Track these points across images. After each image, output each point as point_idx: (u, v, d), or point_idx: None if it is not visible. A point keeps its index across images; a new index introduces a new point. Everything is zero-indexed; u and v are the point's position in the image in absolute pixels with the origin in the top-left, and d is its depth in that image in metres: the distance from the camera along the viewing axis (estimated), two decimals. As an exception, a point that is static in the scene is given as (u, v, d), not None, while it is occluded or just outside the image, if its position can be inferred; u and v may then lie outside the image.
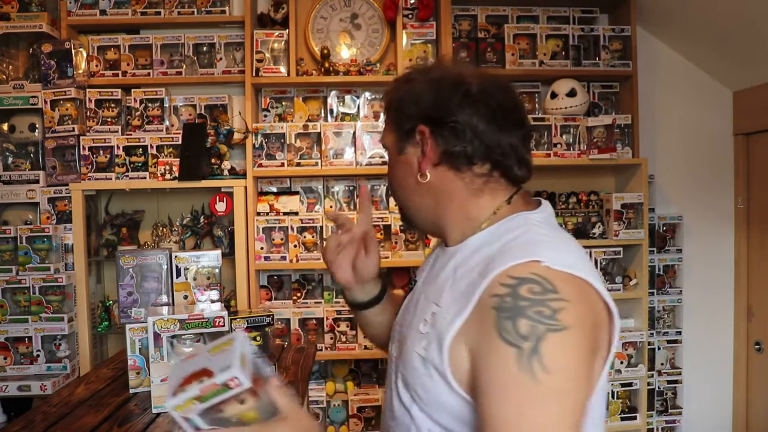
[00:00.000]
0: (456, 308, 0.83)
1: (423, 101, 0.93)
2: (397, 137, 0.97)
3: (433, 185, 0.95)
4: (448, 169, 0.93)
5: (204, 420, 0.82)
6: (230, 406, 0.82)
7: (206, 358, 0.87)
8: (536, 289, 0.76)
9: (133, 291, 1.73)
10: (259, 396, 0.83)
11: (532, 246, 0.82)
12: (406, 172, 0.97)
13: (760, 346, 2.84)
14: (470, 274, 0.86)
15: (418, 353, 0.87)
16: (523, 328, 0.74)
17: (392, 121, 0.98)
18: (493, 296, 0.77)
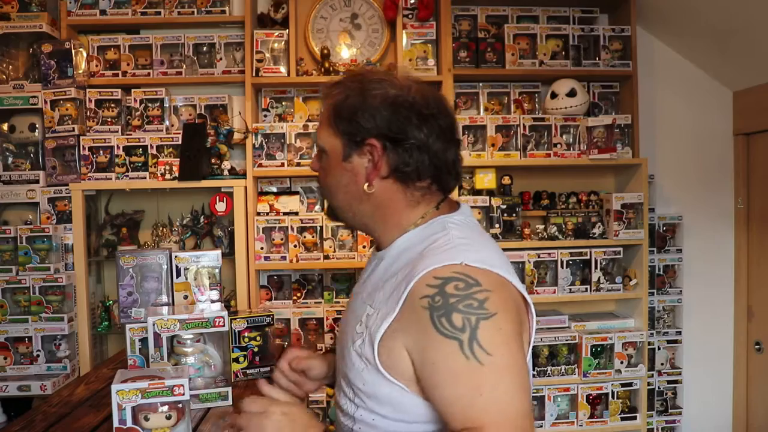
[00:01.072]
0: (385, 310, 0.91)
1: (380, 118, 0.96)
2: (344, 144, 1.00)
3: (376, 195, 1.00)
4: (394, 182, 0.99)
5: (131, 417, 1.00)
6: (157, 415, 0.97)
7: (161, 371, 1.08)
8: (461, 285, 0.85)
9: (133, 291, 1.73)
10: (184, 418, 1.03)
11: (451, 249, 0.90)
12: (350, 179, 1.01)
13: (760, 346, 2.83)
14: (396, 277, 0.94)
15: (356, 351, 0.95)
16: (457, 321, 0.83)
17: (340, 128, 1.00)
18: (422, 297, 0.85)
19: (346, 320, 1.07)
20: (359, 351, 0.94)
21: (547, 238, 2.68)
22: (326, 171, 1.04)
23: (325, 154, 1.04)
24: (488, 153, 2.67)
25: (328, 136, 1.02)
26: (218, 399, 1.46)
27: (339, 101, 1.00)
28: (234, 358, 1.66)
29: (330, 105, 1.02)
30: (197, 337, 1.48)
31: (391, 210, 1.02)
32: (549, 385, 2.65)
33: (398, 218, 1.02)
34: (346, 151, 1.00)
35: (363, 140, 0.98)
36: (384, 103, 0.97)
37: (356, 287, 1.11)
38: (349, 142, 0.99)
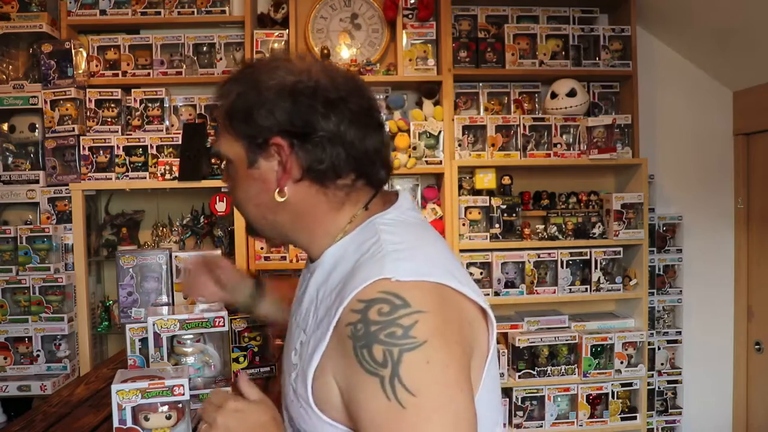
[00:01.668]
0: (316, 338, 0.78)
1: (278, 111, 0.82)
2: (246, 149, 0.85)
3: (292, 202, 0.85)
4: (310, 184, 0.85)
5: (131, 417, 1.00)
6: (157, 415, 0.98)
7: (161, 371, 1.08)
8: (385, 309, 0.70)
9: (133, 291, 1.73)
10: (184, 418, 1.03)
11: (379, 261, 0.76)
12: (259, 188, 0.86)
13: (760, 346, 2.83)
14: (329, 297, 0.80)
15: (292, 385, 0.83)
16: (378, 354, 0.69)
17: (236, 131, 0.85)
18: (347, 325, 0.72)
19: (285, 346, 0.93)
20: (294, 386, 0.81)
21: (547, 238, 2.68)
22: (234, 182, 0.89)
23: (230, 164, 0.88)
24: (488, 153, 2.67)
25: (227, 142, 0.87)
26: (218, 399, 1.46)
27: (232, 101, 0.85)
28: (234, 358, 1.66)
29: (223, 108, 0.87)
30: (197, 337, 1.48)
31: (313, 216, 0.87)
32: (549, 385, 2.65)
33: (323, 225, 0.87)
34: (251, 157, 0.85)
35: (266, 141, 0.83)
36: (281, 93, 0.82)
37: (293, 305, 0.96)
38: (251, 146, 0.84)
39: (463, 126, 2.69)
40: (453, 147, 2.65)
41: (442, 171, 2.63)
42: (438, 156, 2.66)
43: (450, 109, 2.66)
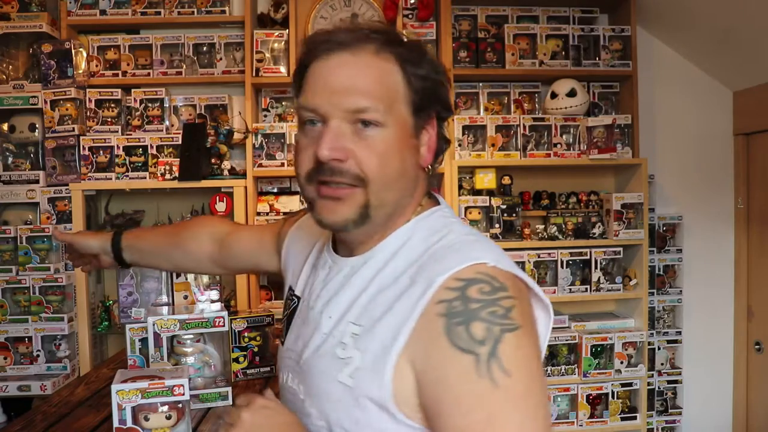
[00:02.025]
0: (393, 325, 0.73)
1: (443, 92, 0.84)
2: (413, 114, 0.80)
3: (420, 177, 0.85)
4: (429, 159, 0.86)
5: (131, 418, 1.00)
6: (157, 415, 0.98)
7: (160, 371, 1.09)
8: (486, 288, 0.70)
9: (133, 291, 1.74)
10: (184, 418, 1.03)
11: (467, 247, 0.76)
12: (413, 158, 0.82)
13: (760, 346, 2.84)
14: (397, 284, 0.77)
15: (342, 382, 0.76)
16: (478, 332, 0.67)
17: (411, 91, 0.80)
18: (439, 302, 0.70)
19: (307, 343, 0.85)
20: (350, 383, 0.75)
21: (547, 238, 2.68)
22: (384, 154, 0.77)
23: (382, 129, 0.77)
24: (488, 153, 2.67)
25: (395, 103, 0.78)
26: (218, 399, 1.46)
27: (410, 55, 0.80)
28: (234, 358, 1.66)
29: (397, 59, 0.79)
30: (197, 337, 1.48)
31: (414, 195, 0.84)
32: (549, 385, 2.65)
33: (412, 206, 0.84)
34: (417, 124, 0.81)
35: (429, 115, 0.82)
36: (443, 76, 0.83)
37: (307, 298, 0.90)
38: (420, 113, 0.81)
39: (463, 126, 2.69)
40: (453, 147, 2.65)
41: (442, 171, 2.63)
42: (438, 156, 2.65)
43: (450, 109, 2.66)
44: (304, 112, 0.80)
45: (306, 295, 0.92)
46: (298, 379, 0.86)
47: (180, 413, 1.05)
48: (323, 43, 0.79)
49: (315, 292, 0.88)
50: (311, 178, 0.79)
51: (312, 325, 0.86)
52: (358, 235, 0.83)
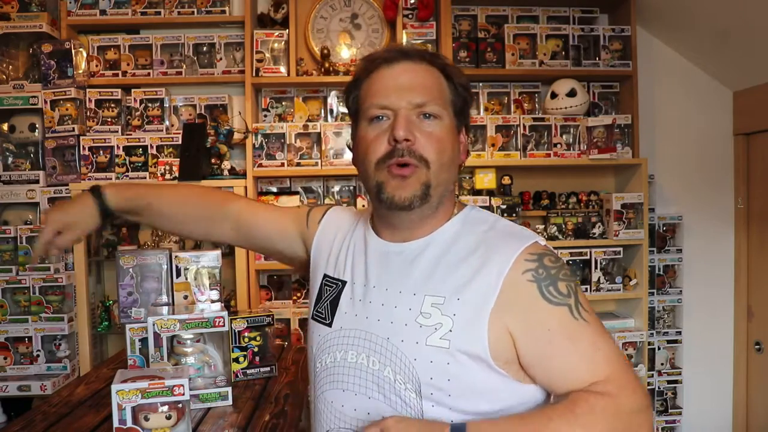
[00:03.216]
0: (480, 291, 0.91)
1: (469, 105, 1.03)
2: (455, 116, 1.00)
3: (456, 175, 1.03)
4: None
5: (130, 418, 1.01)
6: (157, 415, 0.98)
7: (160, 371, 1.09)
8: (553, 258, 0.93)
9: (133, 291, 1.73)
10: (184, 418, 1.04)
11: (520, 231, 0.98)
12: (457, 153, 1.00)
13: (760, 346, 2.84)
14: (468, 262, 0.94)
15: (434, 345, 0.90)
16: (563, 289, 0.90)
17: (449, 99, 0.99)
18: (525, 272, 0.90)
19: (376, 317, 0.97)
20: (443, 344, 0.90)
21: (547, 238, 2.68)
22: (441, 141, 0.96)
23: (440, 120, 0.97)
24: (488, 153, 2.67)
25: (445, 102, 0.98)
26: (218, 399, 1.46)
27: (452, 72, 1.01)
28: (234, 358, 1.66)
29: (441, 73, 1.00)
30: (197, 337, 1.48)
31: (452, 191, 1.04)
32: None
33: (452, 201, 1.03)
34: (458, 126, 1.01)
35: (466, 118, 1.03)
36: (468, 85, 1.03)
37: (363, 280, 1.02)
38: (459, 117, 1.01)
39: (463, 126, 2.68)
40: (453, 147, 2.65)
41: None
42: (438, 156, 2.66)
43: (450, 109, 2.66)
44: (373, 109, 0.96)
45: (358, 277, 1.03)
46: (367, 351, 0.96)
47: (180, 413, 1.05)
48: (384, 55, 0.99)
49: (372, 274, 1.01)
50: (383, 162, 0.95)
51: (378, 301, 0.98)
52: (415, 219, 0.98)
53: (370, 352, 0.96)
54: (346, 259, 1.07)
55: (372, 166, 0.96)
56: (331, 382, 1.00)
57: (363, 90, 1.00)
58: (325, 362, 1.01)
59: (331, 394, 1.00)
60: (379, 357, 0.95)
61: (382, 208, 0.98)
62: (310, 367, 1.08)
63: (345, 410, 0.97)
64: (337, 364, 0.99)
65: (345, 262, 1.06)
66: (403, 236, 1.00)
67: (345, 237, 1.10)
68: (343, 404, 0.98)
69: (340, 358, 0.99)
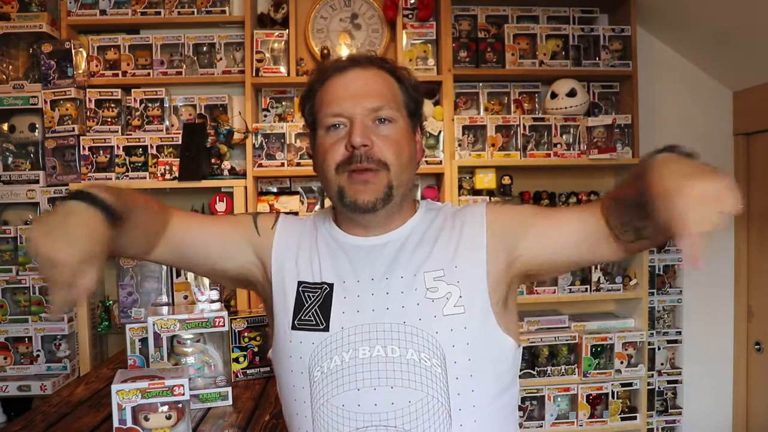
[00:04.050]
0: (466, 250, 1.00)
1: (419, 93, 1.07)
2: (409, 118, 1.04)
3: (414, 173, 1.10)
4: None
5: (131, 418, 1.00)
6: (157, 415, 0.98)
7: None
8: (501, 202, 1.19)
9: (133, 291, 1.73)
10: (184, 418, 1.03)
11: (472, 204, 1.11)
12: (414, 149, 1.05)
13: (760, 346, 2.83)
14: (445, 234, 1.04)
15: (451, 314, 0.96)
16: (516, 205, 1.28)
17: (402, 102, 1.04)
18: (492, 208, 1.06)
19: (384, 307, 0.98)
20: (458, 310, 0.96)
21: (547, 238, 2.67)
22: (398, 143, 1.00)
23: (395, 124, 1.01)
24: (488, 153, 2.67)
25: (399, 106, 1.03)
26: (218, 399, 1.47)
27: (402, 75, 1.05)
28: (234, 358, 1.66)
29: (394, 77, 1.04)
30: (197, 337, 1.48)
31: (411, 191, 1.09)
32: (549, 385, 2.65)
33: (413, 197, 1.13)
34: (413, 126, 1.06)
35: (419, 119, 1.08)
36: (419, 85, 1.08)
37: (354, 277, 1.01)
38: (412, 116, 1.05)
39: (463, 126, 2.69)
40: (453, 147, 2.65)
41: (442, 171, 2.63)
42: (438, 156, 2.66)
43: (450, 109, 2.66)
44: (329, 118, 0.99)
45: (346, 276, 1.02)
46: (384, 340, 0.96)
47: (180, 413, 1.05)
48: (335, 64, 1.03)
49: (362, 268, 1.02)
50: (342, 168, 0.97)
51: (380, 292, 0.99)
52: (381, 217, 1.01)
53: (387, 342, 0.96)
54: (320, 261, 1.04)
55: (332, 171, 0.98)
56: (340, 385, 0.94)
57: (317, 99, 1.03)
58: (327, 367, 0.96)
59: (341, 399, 0.94)
60: (399, 343, 0.95)
61: (347, 211, 1.01)
62: (301, 380, 0.98)
63: (362, 409, 0.93)
64: (346, 365, 0.95)
65: (321, 265, 1.03)
66: (376, 232, 1.04)
67: (310, 241, 1.07)
68: (359, 403, 0.93)
69: (349, 357, 0.95)
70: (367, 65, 1.02)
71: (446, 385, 0.93)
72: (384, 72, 1.03)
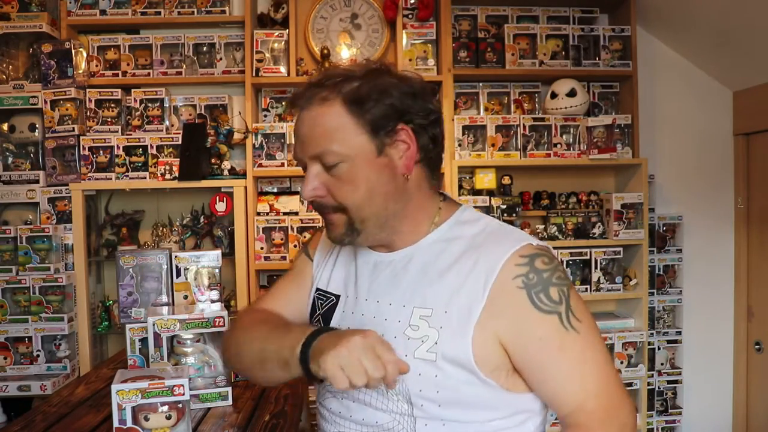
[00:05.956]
0: (467, 300, 0.88)
1: (404, 97, 0.91)
2: (373, 138, 0.90)
3: (411, 186, 0.94)
4: (422, 167, 0.96)
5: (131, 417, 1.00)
6: (157, 415, 0.98)
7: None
8: (546, 259, 0.88)
9: (133, 291, 1.73)
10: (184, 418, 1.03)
11: (511, 233, 0.94)
12: (387, 176, 0.91)
13: (760, 346, 2.84)
14: (456, 269, 0.91)
15: (422, 358, 0.88)
16: (554, 295, 0.87)
17: (365, 119, 0.89)
18: (515, 278, 0.87)
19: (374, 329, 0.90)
20: (429, 357, 0.88)
21: (547, 238, 2.68)
22: (354, 181, 0.90)
23: (344, 163, 0.90)
24: (488, 153, 2.67)
25: (349, 137, 0.89)
26: (218, 399, 1.46)
27: (352, 91, 0.89)
28: (234, 358, 1.66)
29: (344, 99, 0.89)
30: (197, 337, 1.48)
31: (419, 202, 0.96)
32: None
33: (426, 210, 0.97)
34: (378, 145, 0.90)
35: (394, 127, 0.90)
36: (398, 80, 0.92)
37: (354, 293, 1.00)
38: (379, 134, 0.90)
39: (463, 126, 2.69)
40: (453, 147, 2.65)
41: (442, 171, 2.63)
42: (438, 156, 2.66)
43: (450, 109, 2.66)
44: (296, 161, 0.97)
45: (350, 290, 1.01)
46: None
47: (180, 413, 1.05)
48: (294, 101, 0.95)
49: (363, 286, 0.99)
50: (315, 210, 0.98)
51: (369, 314, 0.96)
52: (379, 240, 0.96)
53: None
54: (336, 271, 1.06)
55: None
56: (328, 392, 1.00)
57: None
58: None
59: (331, 403, 1.00)
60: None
61: None
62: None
63: (353, 418, 0.97)
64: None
65: (335, 275, 1.05)
66: (384, 249, 0.99)
67: (338, 250, 1.08)
68: (340, 411, 0.98)
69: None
70: (309, 105, 0.91)
71: (414, 422, 0.90)
72: (327, 104, 0.90)
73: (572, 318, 0.87)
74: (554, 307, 0.86)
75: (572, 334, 0.86)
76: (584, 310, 0.89)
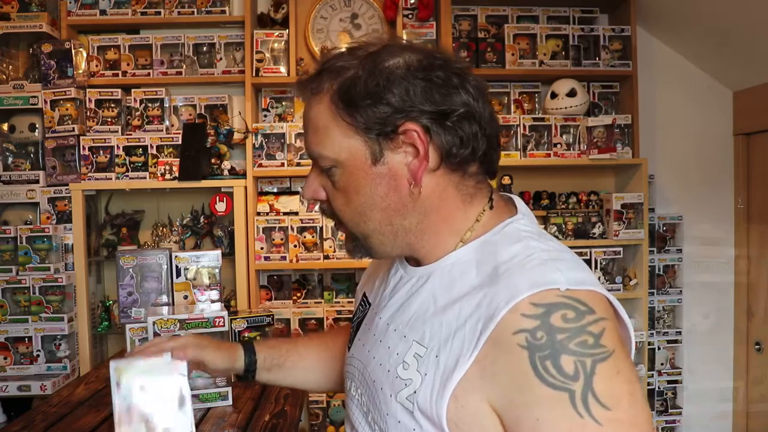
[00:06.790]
0: (452, 351, 0.69)
1: (412, 90, 0.71)
2: (368, 141, 0.73)
3: (425, 198, 0.75)
4: (446, 173, 0.75)
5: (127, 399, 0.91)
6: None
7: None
8: (570, 314, 0.63)
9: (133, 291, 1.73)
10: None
11: (542, 266, 0.68)
12: (387, 187, 0.74)
13: (760, 346, 2.83)
14: (460, 304, 0.71)
15: (401, 403, 0.73)
16: (567, 366, 0.61)
17: (358, 120, 0.73)
18: (516, 332, 0.63)
19: (372, 354, 0.82)
20: (408, 405, 0.72)
21: (547, 238, 2.67)
22: (346, 190, 0.76)
23: (337, 168, 0.76)
24: (488, 153, 2.67)
25: (338, 139, 0.74)
26: (218, 399, 1.47)
27: (345, 84, 0.73)
28: (234, 358, 1.66)
29: (333, 94, 0.74)
30: (197, 337, 1.48)
31: (443, 213, 0.77)
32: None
33: (452, 223, 0.77)
34: (375, 151, 0.73)
35: (395, 128, 0.72)
36: (410, 69, 0.72)
37: (376, 306, 0.88)
38: (375, 137, 0.73)
39: (463, 126, 2.68)
40: (453, 147, 2.65)
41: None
42: (438, 156, 2.66)
43: (450, 109, 2.66)
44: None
45: (375, 303, 0.88)
46: (362, 389, 0.84)
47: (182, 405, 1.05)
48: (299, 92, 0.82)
49: (383, 301, 0.85)
50: None
51: (378, 335, 0.82)
52: (398, 255, 0.83)
53: (363, 392, 0.83)
54: (377, 279, 0.94)
55: None
56: (349, 411, 0.92)
57: None
58: (346, 388, 0.93)
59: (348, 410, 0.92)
60: (366, 399, 0.82)
61: None
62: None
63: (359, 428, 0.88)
64: (347, 394, 0.91)
65: (376, 283, 0.93)
66: (417, 262, 0.83)
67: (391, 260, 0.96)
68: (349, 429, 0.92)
69: (349, 385, 0.90)
70: (304, 95, 0.78)
71: None
72: (318, 100, 0.76)
73: (592, 402, 0.60)
74: (565, 382, 0.61)
75: (589, 424, 0.60)
76: (623, 396, 0.61)
